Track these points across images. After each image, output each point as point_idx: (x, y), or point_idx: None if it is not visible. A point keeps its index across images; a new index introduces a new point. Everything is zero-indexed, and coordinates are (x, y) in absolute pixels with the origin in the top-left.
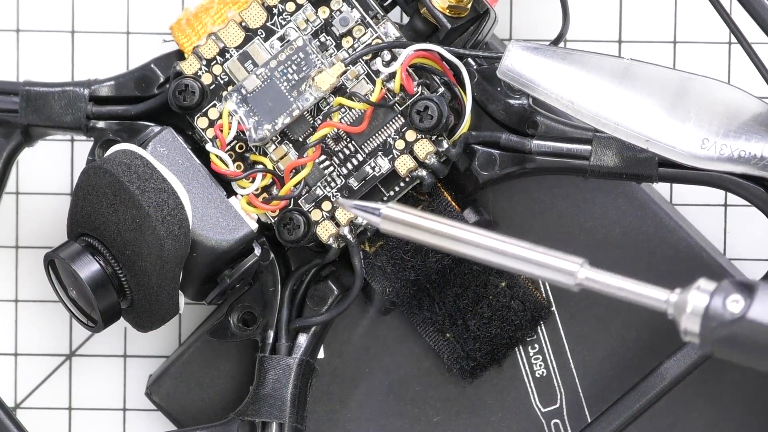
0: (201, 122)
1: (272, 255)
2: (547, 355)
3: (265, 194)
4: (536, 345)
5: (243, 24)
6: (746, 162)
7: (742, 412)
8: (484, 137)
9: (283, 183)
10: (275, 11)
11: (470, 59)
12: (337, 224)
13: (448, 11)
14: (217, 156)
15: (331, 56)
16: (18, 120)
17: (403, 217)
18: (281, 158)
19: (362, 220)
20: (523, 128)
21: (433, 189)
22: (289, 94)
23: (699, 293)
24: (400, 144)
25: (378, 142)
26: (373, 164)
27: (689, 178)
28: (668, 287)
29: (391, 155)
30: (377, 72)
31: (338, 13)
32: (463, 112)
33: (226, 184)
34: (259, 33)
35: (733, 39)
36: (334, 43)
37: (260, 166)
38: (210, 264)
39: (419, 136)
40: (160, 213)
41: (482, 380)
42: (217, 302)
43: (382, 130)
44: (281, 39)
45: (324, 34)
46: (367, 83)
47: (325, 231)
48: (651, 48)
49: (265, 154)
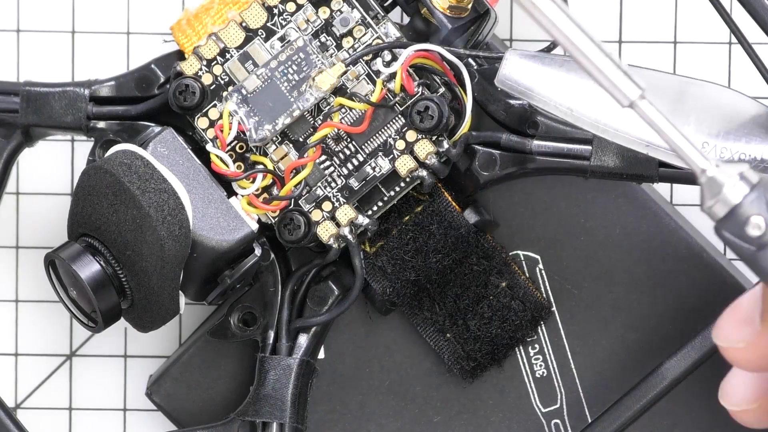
0: (201, 122)
1: (273, 255)
2: (548, 355)
3: (266, 194)
4: (537, 345)
5: (243, 24)
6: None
7: None
8: (485, 137)
9: (284, 183)
10: (276, 11)
11: (470, 59)
12: (338, 224)
13: (449, 11)
14: (218, 156)
15: (332, 56)
16: (18, 120)
17: None
18: (282, 158)
19: (362, 221)
20: (524, 128)
21: (434, 189)
22: (290, 95)
23: (739, 183)
24: (401, 144)
25: (378, 143)
26: (374, 164)
27: (690, 179)
28: (668, 287)
29: (392, 155)
30: (378, 72)
31: (339, 14)
32: (464, 113)
33: (227, 185)
34: (260, 33)
35: (734, 39)
36: (335, 44)
37: (261, 167)
38: (210, 264)
39: (420, 137)
40: (161, 213)
41: (482, 380)
42: (218, 302)
43: (383, 131)
44: (282, 39)
45: (324, 35)
46: (368, 83)
47: (326, 231)
48: (651, 48)
49: (266, 155)
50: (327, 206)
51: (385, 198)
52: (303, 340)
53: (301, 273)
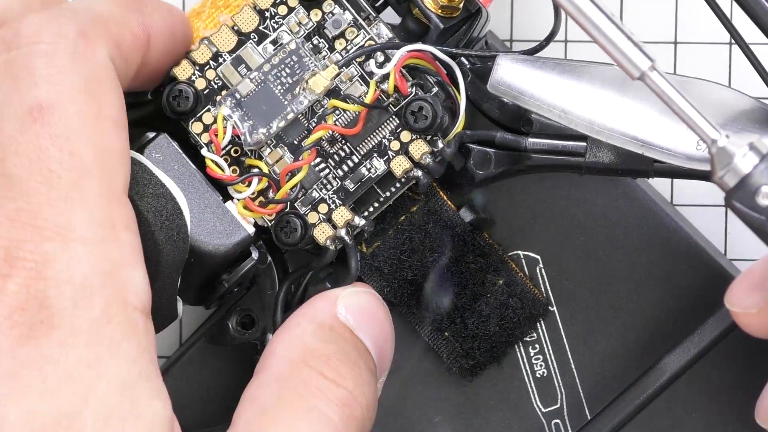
0: (195, 127)
1: (270, 258)
2: (548, 355)
3: (262, 198)
4: (537, 345)
5: (235, 28)
6: None
7: (743, 412)
8: (479, 136)
9: (279, 186)
10: (267, 15)
11: (463, 58)
12: (334, 226)
13: (440, 11)
14: (213, 161)
15: (325, 59)
16: None
17: None
18: (277, 162)
19: (358, 222)
20: (518, 126)
21: (430, 189)
22: (283, 98)
23: (749, 154)
24: (395, 145)
25: (373, 144)
26: (369, 166)
27: (685, 173)
28: (669, 287)
29: (387, 156)
30: (371, 73)
31: (330, 16)
32: (458, 112)
33: (223, 189)
34: (252, 37)
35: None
36: (327, 46)
37: (256, 170)
38: (207, 268)
39: (414, 137)
40: (159, 218)
41: (483, 380)
42: (216, 306)
43: (377, 132)
44: (274, 42)
45: (317, 37)
46: (361, 85)
47: (322, 233)
48: (651, 48)
49: (261, 158)
50: (323, 208)
51: (381, 199)
52: None
53: (299, 275)
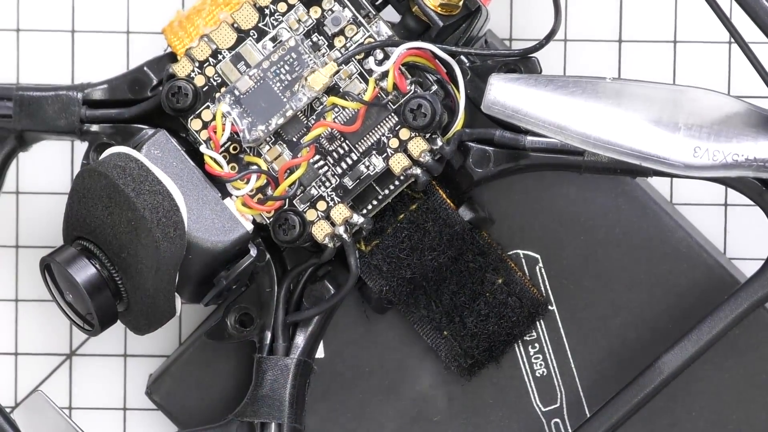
0: (195, 124)
1: (268, 256)
2: (548, 355)
3: (260, 195)
4: (536, 344)
5: (235, 25)
6: (740, 165)
7: (743, 412)
8: (478, 134)
9: (278, 183)
10: (267, 12)
11: (463, 57)
12: (333, 224)
13: (440, 9)
14: (212, 157)
15: (324, 56)
16: (12, 125)
17: None
18: (275, 159)
19: (357, 220)
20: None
21: (428, 187)
22: (283, 95)
23: None
24: (394, 143)
25: (372, 141)
26: (368, 163)
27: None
28: (668, 286)
29: (385, 154)
30: (370, 71)
31: (330, 13)
32: (457, 110)
33: (221, 186)
34: (252, 34)
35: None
36: (327, 43)
37: (255, 167)
38: (206, 266)
39: (413, 135)
40: (156, 215)
41: (482, 379)
42: (214, 304)
43: (376, 129)
44: (273, 39)
45: (316, 34)
46: (360, 82)
47: (321, 231)
48: (651, 48)
49: (260, 155)
50: (321, 206)
51: (380, 196)
52: (300, 340)
53: (297, 273)
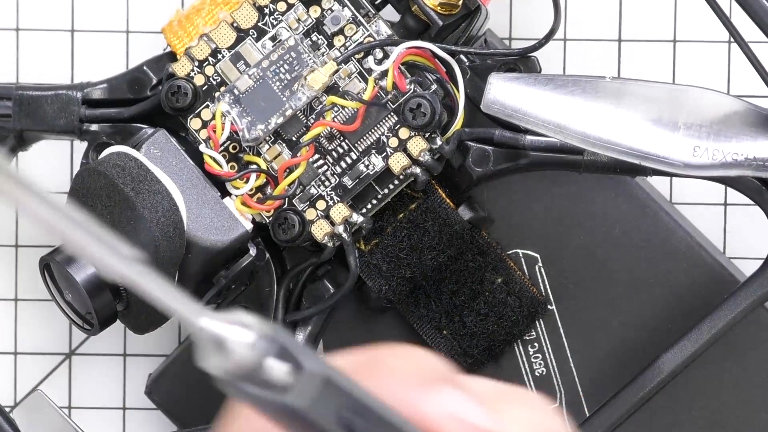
0: (194, 123)
1: (268, 255)
2: (547, 354)
3: (260, 194)
4: (536, 344)
5: (234, 24)
6: (740, 165)
7: (742, 412)
8: (478, 134)
9: (277, 183)
10: (266, 11)
11: (462, 56)
12: (332, 223)
13: (440, 8)
14: (211, 157)
15: (323, 55)
16: (11, 125)
17: None
18: (275, 158)
19: (356, 219)
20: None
21: (428, 186)
22: (282, 94)
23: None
24: (394, 142)
25: (371, 141)
26: (367, 162)
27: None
28: (668, 286)
29: (385, 153)
30: (369, 70)
31: (330, 12)
32: (456, 109)
33: (221, 185)
34: (251, 33)
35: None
36: (326, 42)
37: (254, 167)
38: (205, 265)
39: (412, 134)
40: (155, 214)
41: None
42: (214, 303)
43: (376, 128)
44: (273, 39)
45: (316, 33)
46: (360, 81)
47: (320, 230)
48: (651, 47)
49: (259, 154)
50: (321, 205)
51: (379, 196)
52: (299, 340)
53: (297, 272)
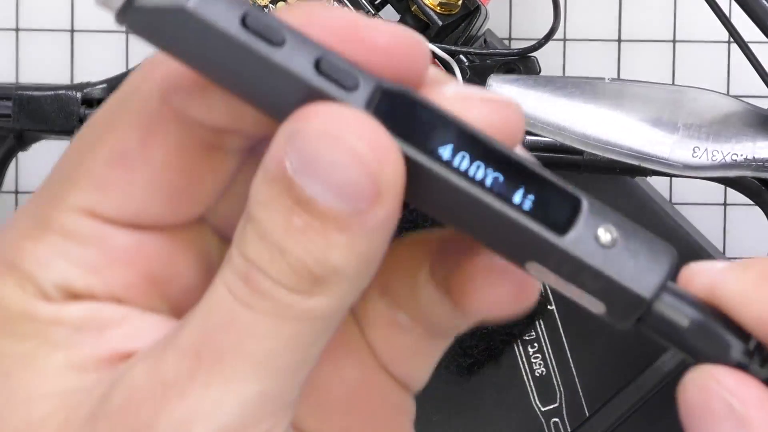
0: None
1: None
2: (547, 354)
3: None
4: (536, 344)
5: None
6: (739, 165)
7: None
8: None
9: None
10: (266, 11)
11: (462, 56)
12: None
13: (439, 8)
14: None
15: None
16: (11, 125)
17: None
18: None
19: None
20: None
21: None
22: None
23: None
24: None
25: None
26: None
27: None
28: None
29: None
30: None
31: None
32: None
33: None
34: None
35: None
36: None
37: None
38: None
39: None
40: None
41: (481, 379)
42: None
43: None
44: None
45: None
46: None
47: None
48: (650, 47)
49: None
50: None
51: None
52: None
53: None
